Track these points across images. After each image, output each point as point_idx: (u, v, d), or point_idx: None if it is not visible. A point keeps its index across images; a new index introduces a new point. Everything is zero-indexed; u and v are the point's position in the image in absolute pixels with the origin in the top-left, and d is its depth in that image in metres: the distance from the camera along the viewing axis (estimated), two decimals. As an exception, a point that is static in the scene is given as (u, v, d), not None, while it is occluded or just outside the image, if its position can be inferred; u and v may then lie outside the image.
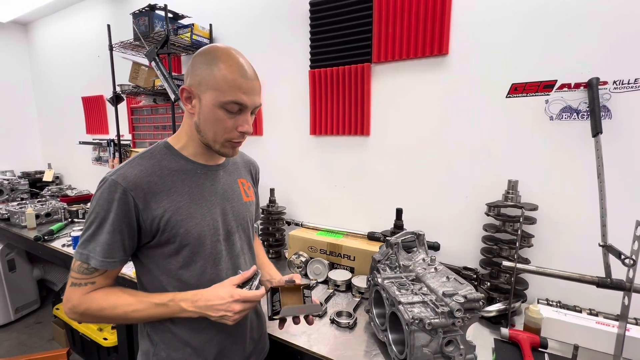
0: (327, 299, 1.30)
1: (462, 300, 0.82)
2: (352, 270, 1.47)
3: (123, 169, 0.75)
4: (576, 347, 0.90)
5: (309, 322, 0.86)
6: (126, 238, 0.73)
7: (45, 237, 2.00)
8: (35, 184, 3.22)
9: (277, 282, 0.92)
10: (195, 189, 0.81)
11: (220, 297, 0.73)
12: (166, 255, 0.78)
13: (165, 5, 1.80)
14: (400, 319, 0.85)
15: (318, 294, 1.35)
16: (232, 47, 0.78)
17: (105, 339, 1.96)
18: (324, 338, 1.06)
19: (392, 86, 1.52)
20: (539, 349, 0.96)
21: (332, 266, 1.52)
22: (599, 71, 1.11)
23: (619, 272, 0.93)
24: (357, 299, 1.31)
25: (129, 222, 0.72)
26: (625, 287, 0.88)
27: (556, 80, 1.18)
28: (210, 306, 0.73)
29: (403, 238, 1.14)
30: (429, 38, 1.37)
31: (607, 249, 0.94)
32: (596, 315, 1.12)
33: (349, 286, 1.39)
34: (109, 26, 2.13)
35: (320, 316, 1.18)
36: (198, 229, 0.79)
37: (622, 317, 0.89)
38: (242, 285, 0.77)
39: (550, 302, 1.19)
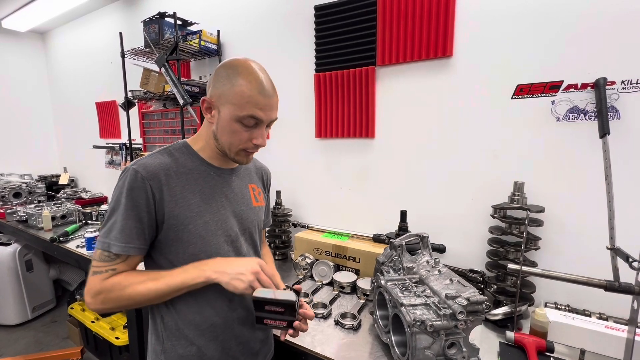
0: (332, 301, 1.31)
1: (464, 302, 0.82)
2: (357, 272, 1.48)
3: (144, 160, 0.79)
4: (583, 352, 0.89)
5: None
6: (146, 227, 0.76)
7: (61, 239, 2.07)
8: (52, 187, 3.33)
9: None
10: (206, 189, 0.84)
11: (243, 266, 0.76)
12: (175, 252, 0.81)
13: (175, 13, 1.85)
14: (402, 321, 0.85)
15: (323, 296, 1.36)
16: (254, 61, 0.80)
17: (117, 338, 2.01)
18: (328, 339, 1.07)
19: (396, 88, 1.52)
20: (545, 353, 0.95)
21: (338, 268, 1.52)
22: (607, 71, 1.09)
23: (628, 275, 0.91)
24: (362, 301, 1.31)
25: (148, 210, 0.75)
26: (633, 291, 0.86)
27: (562, 81, 1.16)
28: (228, 272, 0.75)
29: (407, 240, 1.15)
30: (433, 40, 1.37)
31: (615, 251, 0.92)
32: (606, 319, 1.10)
33: (354, 288, 1.39)
34: (121, 34, 2.20)
35: (325, 317, 1.19)
36: (205, 227, 0.81)
37: (631, 321, 0.88)
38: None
39: (559, 306, 1.17)
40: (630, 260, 0.83)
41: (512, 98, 1.26)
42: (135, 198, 0.74)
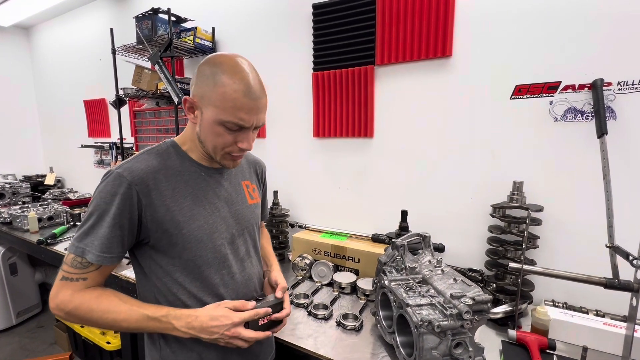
0: (333, 302, 1.30)
1: (470, 302, 0.82)
2: (356, 272, 1.47)
3: (129, 163, 0.74)
4: (585, 349, 0.90)
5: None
6: (126, 233, 0.72)
7: (48, 241, 2.00)
8: (37, 187, 3.22)
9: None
10: (198, 192, 0.81)
11: (218, 320, 0.72)
12: (169, 258, 0.77)
13: (169, 9, 1.81)
14: (409, 322, 0.84)
15: (323, 297, 1.35)
16: (241, 58, 0.74)
17: (108, 342, 1.95)
18: (331, 341, 1.06)
19: (395, 88, 1.52)
20: (547, 351, 0.96)
21: (337, 268, 1.51)
22: (604, 72, 1.11)
23: (626, 272, 0.93)
24: (363, 301, 1.30)
25: (131, 217, 0.71)
26: (633, 288, 0.88)
27: (560, 82, 1.18)
28: (205, 328, 0.72)
29: (409, 240, 1.14)
30: (432, 40, 1.38)
31: (615, 249, 0.94)
32: (603, 316, 1.12)
33: (354, 288, 1.39)
34: (111, 30, 2.13)
35: (327, 318, 1.18)
36: (200, 232, 0.78)
37: (630, 318, 0.89)
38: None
39: (557, 304, 1.19)
40: (631, 258, 0.85)
41: (510, 98, 1.27)
42: (119, 204, 0.69)
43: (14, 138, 3.49)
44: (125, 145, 2.47)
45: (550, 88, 1.20)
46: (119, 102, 2.23)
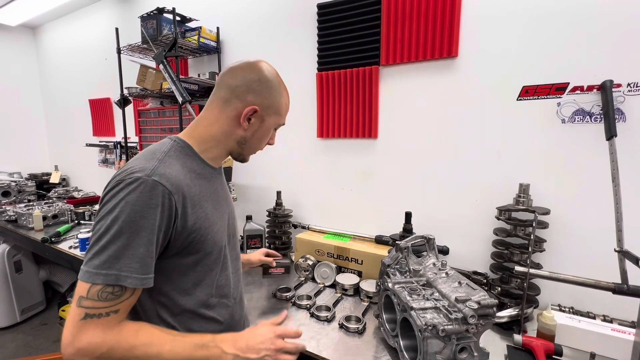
0: (335, 303, 1.29)
1: (475, 306, 0.80)
2: (359, 274, 1.46)
3: (160, 168, 0.65)
4: (593, 355, 0.88)
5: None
6: (157, 249, 0.65)
7: (53, 239, 2.01)
8: (42, 185, 3.24)
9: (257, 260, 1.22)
10: (213, 194, 0.79)
11: (261, 335, 0.72)
12: (183, 267, 0.72)
13: (174, 9, 1.81)
14: (413, 325, 0.83)
15: (326, 298, 1.34)
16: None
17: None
18: (333, 343, 1.05)
19: (400, 89, 1.51)
20: (554, 357, 0.94)
21: (340, 270, 1.50)
22: (613, 73, 1.09)
23: (635, 277, 0.91)
24: (366, 304, 1.29)
25: (166, 230, 0.64)
26: (642, 294, 0.86)
27: (568, 83, 1.16)
28: (251, 346, 0.70)
29: (413, 242, 1.13)
30: (438, 40, 1.36)
31: (624, 254, 0.92)
32: (610, 321, 1.10)
33: (356, 290, 1.38)
34: (117, 29, 2.14)
35: (329, 320, 1.17)
36: (218, 236, 0.77)
37: (639, 324, 0.87)
38: None
39: (563, 308, 1.17)
40: (641, 263, 0.83)
41: (517, 99, 1.25)
42: (160, 217, 0.62)
43: (20, 136, 3.52)
44: (129, 145, 2.48)
45: (558, 89, 1.18)
46: (123, 102, 2.24)
